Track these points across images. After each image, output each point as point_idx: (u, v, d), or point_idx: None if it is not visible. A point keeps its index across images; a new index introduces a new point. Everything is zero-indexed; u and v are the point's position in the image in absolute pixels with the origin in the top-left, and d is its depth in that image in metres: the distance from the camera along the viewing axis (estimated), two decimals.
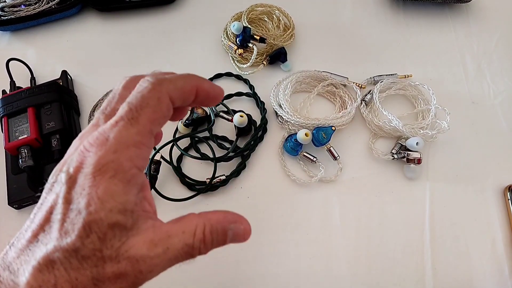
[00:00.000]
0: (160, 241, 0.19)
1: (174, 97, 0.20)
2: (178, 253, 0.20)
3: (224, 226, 0.21)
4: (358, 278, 0.40)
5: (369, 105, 0.48)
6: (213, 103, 0.23)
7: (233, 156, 0.44)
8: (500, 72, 0.52)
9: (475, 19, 0.57)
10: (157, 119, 0.20)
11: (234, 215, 0.22)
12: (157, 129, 0.20)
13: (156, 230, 0.19)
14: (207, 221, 0.21)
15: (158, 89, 0.20)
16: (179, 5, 0.58)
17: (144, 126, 0.19)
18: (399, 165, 0.45)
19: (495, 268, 0.40)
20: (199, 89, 0.22)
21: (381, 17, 0.57)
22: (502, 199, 0.43)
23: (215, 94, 0.23)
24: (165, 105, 0.20)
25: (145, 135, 0.19)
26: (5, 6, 0.54)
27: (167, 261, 0.19)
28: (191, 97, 0.21)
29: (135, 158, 0.19)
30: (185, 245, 0.20)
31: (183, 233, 0.20)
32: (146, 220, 0.19)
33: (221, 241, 0.21)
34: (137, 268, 0.18)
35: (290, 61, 0.51)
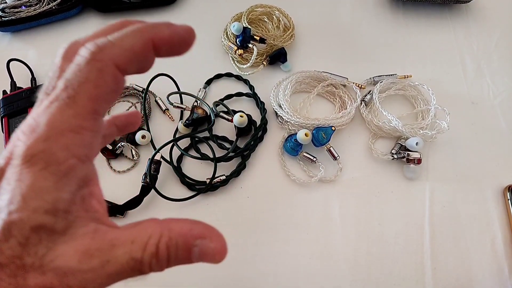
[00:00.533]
0: (99, 252, 0.15)
1: (122, 64, 0.16)
2: (122, 268, 0.15)
3: (188, 241, 0.17)
4: (358, 278, 0.40)
5: (369, 105, 0.48)
6: (185, 49, 0.18)
7: (233, 156, 0.44)
8: (499, 72, 0.52)
9: (475, 19, 0.57)
10: (101, 96, 0.16)
11: (203, 228, 0.17)
12: (104, 108, 0.16)
13: (97, 237, 0.16)
14: (166, 231, 0.16)
15: (99, 58, 0.16)
16: (179, 6, 0.58)
17: (84, 106, 0.15)
18: (399, 165, 0.45)
19: (495, 268, 0.40)
20: (157, 41, 0.17)
21: (380, 17, 0.57)
22: (502, 199, 0.43)
23: (181, 39, 0.17)
24: (110, 77, 0.16)
25: (86, 117, 0.16)
26: (6, 7, 0.54)
27: (105, 278, 0.15)
28: (148, 55, 0.17)
29: (72, 146, 0.15)
30: (131, 259, 0.16)
31: (132, 243, 0.16)
32: (86, 223, 0.16)
33: (183, 258, 0.17)
34: (65, 283, 0.15)
35: (290, 61, 0.51)
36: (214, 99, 0.48)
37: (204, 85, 0.50)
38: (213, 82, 0.51)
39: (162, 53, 0.17)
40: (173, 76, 0.49)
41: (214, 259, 0.17)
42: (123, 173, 0.45)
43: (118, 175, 0.45)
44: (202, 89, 0.49)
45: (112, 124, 0.24)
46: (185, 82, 0.49)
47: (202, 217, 0.43)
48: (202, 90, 0.49)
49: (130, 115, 0.25)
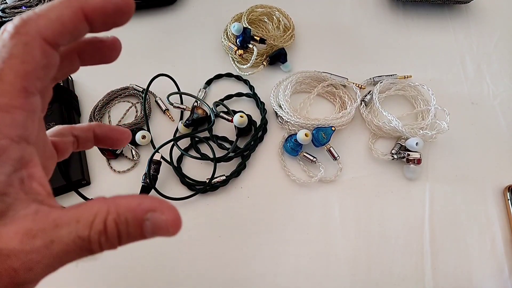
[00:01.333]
0: (42, 232, 0.15)
1: (50, 36, 0.15)
2: (68, 247, 0.15)
3: (138, 215, 0.16)
4: (358, 278, 0.40)
5: (369, 106, 0.48)
6: (123, 19, 0.17)
7: (233, 156, 0.44)
8: (499, 72, 0.52)
9: (475, 20, 0.57)
10: (30, 72, 0.15)
11: (153, 201, 0.16)
12: (37, 85, 0.15)
13: (39, 218, 0.15)
14: (113, 208, 0.16)
15: (24, 32, 0.15)
16: (180, 6, 0.58)
17: (11, 83, 0.15)
18: (399, 165, 0.45)
19: (495, 268, 0.40)
20: (88, 10, 0.15)
21: (380, 18, 0.57)
22: (502, 199, 0.43)
23: (116, 7, 0.16)
24: (38, 51, 0.15)
25: (15, 94, 0.15)
26: (6, 7, 0.54)
27: (51, 258, 0.15)
28: (80, 25, 0.16)
29: (2, 126, 0.15)
30: (77, 237, 0.15)
31: (77, 222, 0.15)
32: (27, 205, 0.15)
33: (136, 234, 0.16)
34: (9, 265, 0.14)
35: (290, 61, 0.52)
36: (214, 99, 0.48)
37: (204, 85, 0.50)
38: (213, 82, 0.51)
39: (97, 24, 0.16)
40: (173, 77, 0.49)
41: (168, 231, 0.16)
42: (123, 173, 0.45)
43: (118, 175, 0.45)
44: (202, 89, 0.50)
45: (91, 130, 0.23)
46: (185, 82, 0.50)
47: (202, 217, 0.44)
48: (202, 91, 0.49)
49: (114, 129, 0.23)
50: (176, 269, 0.40)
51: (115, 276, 0.40)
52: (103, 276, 0.40)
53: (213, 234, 0.42)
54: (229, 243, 0.41)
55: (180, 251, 0.41)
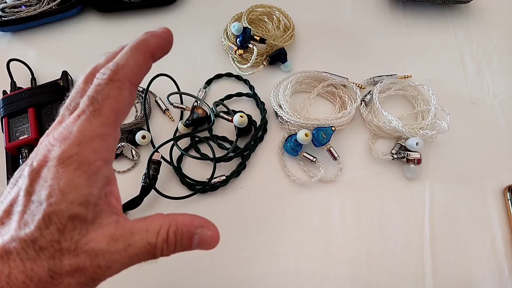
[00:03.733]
0: (122, 237, 0.19)
1: (134, 79, 0.20)
2: (140, 251, 0.19)
3: (190, 229, 0.20)
4: (358, 278, 0.40)
5: (369, 106, 0.48)
6: (169, 47, 0.22)
7: (233, 156, 0.44)
8: (499, 72, 0.52)
9: (475, 19, 0.57)
10: (121, 108, 0.19)
11: (202, 220, 0.21)
12: (122, 118, 0.20)
13: (119, 226, 0.19)
14: (173, 222, 0.20)
15: (117, 78, 0.19)
16: (180, 6, 0.58)
17: (108, 117, 0.19)
18: (399, 165, 0.45)
19: (495, 268, 0.40)
20: (150, 51, 0.21)
21: (381, 17, 0.57)
22: (502, 199, 0.43)
23: (166, 41, 0.22)
24: (127, 92, 0.20)
25: (110, 125, 0.19)
26: (5, 6, 0.54)
27: (127, 258, 0.19)
28: (150, 63, 0.21)
29: (100, 150, 0.19)
30: (147, 243, 0.19)
31: (146, 231, 0.19)
32: (109, 215, 0.19)
33: (186, 245, 0.21)
34: (96, 263, 0.18)
35: (290, 61, 0.51)
36: (214, 99, 0.48)
37: (204, 85, 0.50)
38: (213, 82, 0.51)
39: (157, 57, 0.21)
40: (173, 76, 0.49)
41: (210, 245, 0.21)
42: (123, 173, 0.45)
43: (118, 175, 0.45)
44: (202, 89, 0.49)
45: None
46: (185, 82, 0.49)
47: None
48: (202, 90, 0.49)
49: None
50: (176, 269, 0.40)
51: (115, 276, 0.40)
52: None
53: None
54: (229, 243, 0.41)
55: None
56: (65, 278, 0.17)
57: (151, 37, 0.21)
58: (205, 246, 0.21)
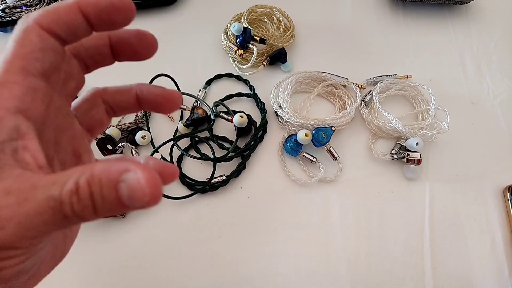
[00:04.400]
0: (18, 191, 0.15)
1: (45, 23, 0.17)
2: (41, 207, 0.15)
3: (112, 175, 0.15)
4: (358, 278, 0.40)
5: (369, 106, 0.48)
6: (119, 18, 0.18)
7: (233, 156, 0.44)
8: (499, 72, 0.52)
9: (475, 20, 0.57)
10: (28, 54, 0.17)
11: (130, 162, 0.15)
12: (37, 65, 0.17)
13: (20, 179, 0.15)
14: (89, 169, 0.15)
15: (24, 21, 0.17)
16: (180, 6, 0.58)
17: (12, 63, 0.16)
18: (399, 166, 0.45)
19: (495, 268, 0.40)
20: (82, 4, 0.17)
21: (381, 18, 0.57)
22: (502, 199, 0.43)
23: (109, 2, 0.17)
24: (35, 35, 0.17)
25: (14, 72, 0.16)
26: (6, 7, 0.54)
27: (23, 216, 0.15)
28: (74, 17, 0.17)
29: (1, 98, 0.16)
30: (50, 197, 0.14)
31: (52, 184, 0.15)
32: (12, 169, 0.16)
33: (110, 198, 0.15)
34: None
35: (290, 61, 0.52)
36: (214, 100, 0.48)
37: (204, 85, 0.50)
38: (213, 83, 0.51)
39: (93, 19, 0.17)
40: (173, 76, 0.49)
41: (143, 194, 0.14)
42: None
43: None
44: (202, 89, 0.50)
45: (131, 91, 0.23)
46: (185, 82, 0.50)
47: (202, 217, 0.44)
48: (202, 91, 0.49)
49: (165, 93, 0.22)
50: (176, 269, 0.40)
51: (115, 276, 0.40)
52: (102, 276, 0.40)
53: (213, 234, 0.42)
54: (229, 243, 0.41)
55: (180, 251, 0.41)
56: None
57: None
58: (137, 197, 0.14)
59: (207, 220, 0.42)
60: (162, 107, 0.23)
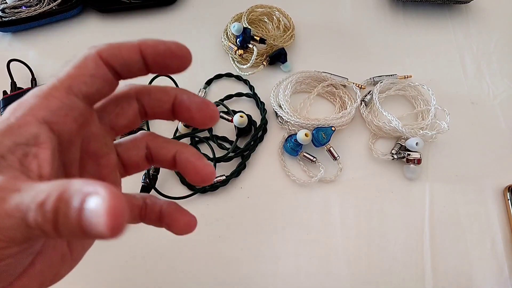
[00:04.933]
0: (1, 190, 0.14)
1: (105, 54, 0.18)
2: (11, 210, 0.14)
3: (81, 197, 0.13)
4: (358, 278, 0.40)
5: (369, 106, 0.48)
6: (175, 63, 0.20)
7: (233, 156, 0.44)
8: (499, 72, 0.52)
9: (475, 20, 0.57)
10: (78, 76, 0.18)
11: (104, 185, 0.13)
12: (81, 87, 0.18)
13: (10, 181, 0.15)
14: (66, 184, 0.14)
15: (88, 51, 0.18)
16: (180, 6, 0.58)
17: (60, 81, 0.18)
18: (399, 166, 0.45)
19: (495, 268, 0.40)
20: (143, 46, 0.19)
21: (380, 18, 0.57)
22: (502, 199, 0.43)
23: (170, 50, 0.19)
24: (91, 62, 0.18)
25: (59, 89, 0.18)
26: (6, 7, 0.54)
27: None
28: (133, 55, 0.19)
29: (35, 107, 0.17)
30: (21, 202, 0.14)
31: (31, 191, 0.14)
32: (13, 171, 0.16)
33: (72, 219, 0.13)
34: None
35: (290, 61, 0.52)
36: (214, 100, 0.48)
37: (204, 85, 0.50)
38: (213, 82, 0.51)
39: (150, 61, 0.19)
40: (173, 77, 0.49)
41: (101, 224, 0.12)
42: None
43: None
44: (202, 89, 0.50)
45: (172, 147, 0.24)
46: (185, 82, 0.50)
47: (202, 217, 0.43)
48: (202, 91, 0.49)
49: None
50: (176, 269, 0.40)
51: (115, 276, 0.40)
52: (102, 276, 0.40)
53: (213, 234, 0.42)
54: (229, 243, 0.41)
55: (180, 251, 0.41)
56: None
57: (155, 40, 0.20)
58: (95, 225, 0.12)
59: (207, 220, 0.42)
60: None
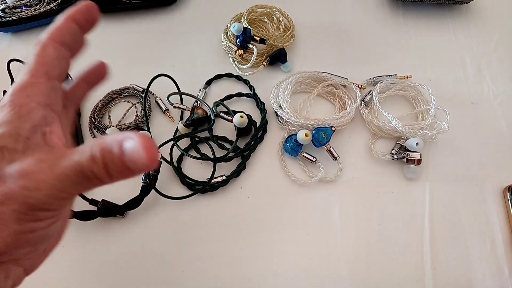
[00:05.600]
0: (49, 159, 0.19)
1: (56, 37, 0.22)
2: (69, 171, 0.18)
3: (118, 143, 0.18)
4: (358, 278, 0.40)
5: (369, 106, 0.48)
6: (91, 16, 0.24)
7: (233, 156, 0.44)
8: (499, 73, 0.52)
9: (475, 20, 0.57)
10: (49, 61, 0.21)
11: (130, 133, 0.19)
12: (55, 71, 0.22)
13: (51, 152, 0.19)
14: (101, 140, 0.19)
15: (39, 41, 0.22)
16: (180, 6, 0.58)
17: (36, 69, 0.21)
18: (399, 166, 0.45)
19: (495, 268, 0.40)
20: (71, 14, 0.23)
21: (380, 18, 0.57)
22: (502, 199, 0.43)
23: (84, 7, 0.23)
24: (51, 48, 0.22)
25: (40, 76, 0.21)
26: (6, 7, 0.54)
27: (55, 179, 0.18)
28: (72, 25, 0.23)
29: (33, 95, 0.20)
30: (74, 163, 0.18)
31: (75, 153, 0.19)
32: (44, 146, 0.20)
33: (117, 161, 0.18)
34: (21, 184, 0.18)
35: (290, 61, 0.52)
36: (214, 100, 0.48)
37: (204, 85, 0.50)
38: (213, 83, 0.51)
39: (81, 22, 0.23)
40: (173, 77, 0.49)
41: (142, 158, 0.18)
42: None
43: None
44: (202, 89, 0.50)
45: (79, 81, 0.27)
46: (185, 82, 0.50)
47: (202, 217, 0.44)
48: (202, 91, 0.49)
49: (95, 66, 0.28)
50: (176, 269, 0.40)
51: (115, 275, 0.40)
52: (102, 276, 0.40)
53: (213, 234, 0.42)
54: (229, 243, 0.41)
55: (180, 251, 0.41)
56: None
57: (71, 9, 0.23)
58: (136, 156, 0.18)
59: (207, 220, 0.42)
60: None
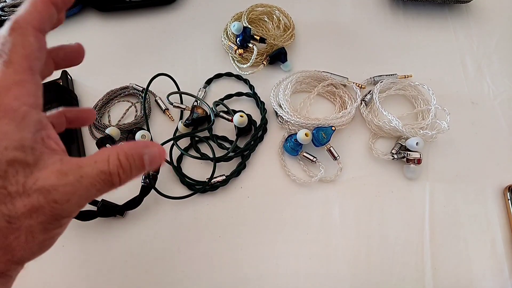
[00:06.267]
0: (71, 171, 0.19)
1: (36, 24, 0.20)
2: (95, 180, 0.19)
3: (139, 151, 0.21)
4: (358, 278, 0.40)
5: (369, 105, 0.48)
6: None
7: (233, 156, 0.44)
8: (500, 72, 0.52)
9: (475, 19, 0.57)
10: (31, 54, 0.19)
11: (144, 142, 0.22)
12: (37, 64, 0.20)
13: (65, 162, 0.19)
14: (120, 149, 0.20)
15: (17, 27, 0.19)
16: (180, 5, 0.58)
17: (20, 64, 0.19)
18: (399, 165, 0.45)
19: (495, 268, 0.40)
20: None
21: (381, 17, 0.57)
22: (502, 199, 0.43)
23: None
24: (33, 38, 0.19)
25: (25, 72, 0.19)
26: (5, 6, 0.54)
27: (83, 189, 0.19)
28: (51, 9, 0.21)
29: (21, 96, 0.18)
30: (100, 172, 0.19)
31: (95, 162, 0.19)
32: (52, 155, 0.19)
33: (140, 166, 0.21)
34: (51, 198, 0.18)
35: (290, 61, 0.51)
36: (214, 99, 0.48)
37: (204, 84, 0.50)
38: (213, 82, 0.51)
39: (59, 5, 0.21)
40: (173, 76, 0.49)
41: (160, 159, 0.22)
42: None
43: None
44: (202, 88, 0.49)
45: (62, 115, 0.26)
46: (185, 81, 0.49)
47: (202, 217, 0.43)
48: (202, 90, 0.49)
49: (82, 110, 0.28)
50: (176, 269, 0.40)
51: (115, 275, 0.40)
52: (102, 276, 0.39)
53: (213, 234, 0.41)
54: (229, 243, 0.41)
55: (180, 251, 0.41)
56: (23, 220, 0.18)
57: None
58: (156, 161, 0.21)
59: (207, 220, 0.42)
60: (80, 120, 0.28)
